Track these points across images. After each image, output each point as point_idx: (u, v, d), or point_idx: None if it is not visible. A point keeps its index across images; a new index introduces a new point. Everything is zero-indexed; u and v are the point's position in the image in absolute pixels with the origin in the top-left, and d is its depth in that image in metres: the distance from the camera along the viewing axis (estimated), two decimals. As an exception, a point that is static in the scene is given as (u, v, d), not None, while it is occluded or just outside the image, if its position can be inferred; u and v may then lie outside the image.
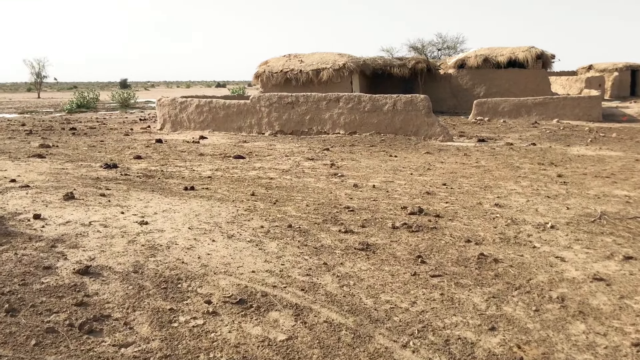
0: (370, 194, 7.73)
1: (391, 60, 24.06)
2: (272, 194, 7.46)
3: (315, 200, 7.20)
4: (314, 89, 20.41)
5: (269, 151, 12.05)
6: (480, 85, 24.59)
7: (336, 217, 6.32)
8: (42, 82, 68.21)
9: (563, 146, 13.08)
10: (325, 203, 7.03)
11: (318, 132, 14.85)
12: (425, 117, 14.12)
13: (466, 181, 8.82)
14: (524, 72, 24.20)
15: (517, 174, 9.45)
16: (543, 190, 8.15)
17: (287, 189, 7.92)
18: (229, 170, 9.37)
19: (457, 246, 5.36)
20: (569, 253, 5.25)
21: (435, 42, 48.68)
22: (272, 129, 15.11)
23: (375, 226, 6.00)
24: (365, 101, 14.48)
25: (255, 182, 8.31)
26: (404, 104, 14.24)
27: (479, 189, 8.25)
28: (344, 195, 7.60)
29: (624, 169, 9.93)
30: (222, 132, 15.49)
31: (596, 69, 34.14)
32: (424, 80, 24.45)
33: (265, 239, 5.29)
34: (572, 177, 9.17)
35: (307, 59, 22.28)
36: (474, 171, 9.73)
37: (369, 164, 10.41)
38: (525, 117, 19.32)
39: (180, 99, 15.97)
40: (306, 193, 7.66)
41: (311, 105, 14.82)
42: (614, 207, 7.18)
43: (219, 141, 13.73)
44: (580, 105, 18.92)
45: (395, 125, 14.35)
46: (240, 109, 15.27)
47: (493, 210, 6.89)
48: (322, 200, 7.17)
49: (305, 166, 10.08)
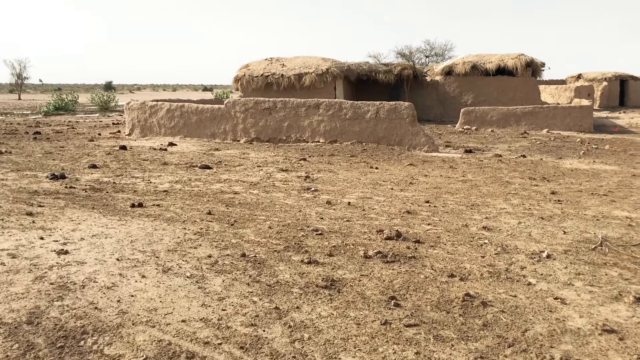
0: (344, 212, 6.89)
1: (376, 66, 23.28)
2: (232, 213, 6.59)
3: (281, 220, 6.34)
4: (296, 95, 19.56)
5: (241, 160, 11.17)
6: (468, 93, 23.88)
7: (301, 242, 5.47)
8: (23, 84, 66.73)
9: (555, 159, 12.34)
10: (291, 224, 6.18)
11: (297, 140, 14.00)
12: (410, 126, 13.33)
13: (451, 198, 8.02)
14: (513, 80, 23.54)
15: (507, 190, 8.66)
16: (536, 210, 7.36)
17: (251, 206, 7.05)
18: (191, 183, 8.49)
19: (438, 282, 4.53)
20: (570, 292, 4.44)
21: (423, 48, 47.99)
22: (248, 136, 14.23)
23: (344, 255, 5.15)
24: (347, 108, 13.65)
25: (216, 198, 7.44)
26: (387, 111, 13.44)
27: (465, 207, 7.44)
28: (314, 214, 6.75)
29: (622, 186, 9.18)
30: (194, 138, 14.58)
31: (585, 78, 33.67)
32: (409, 87, 23.70)
33: (209, 274, 4.42)
34: (566, 195, 8.40)
35: (290, 63, 21.44)
36: (460, 186, 8.93)
37: (347, 177, 9.58)
38: (514, 127, 18.61)
39: (150, 103, 15.04)
40: (272, 211, 6.80)
41: (290, 112, 13.97)
42: (616, 231, 6.40)
43: (189, 148, 12.84)
44: (571, 115, 18.25)
45: (377, 134, 13.54)
46: (214, 114, 14.38)
47: (481, 235, 6.08)
48: (288, 221, 6.32)
49: (277, 178, 9.22)
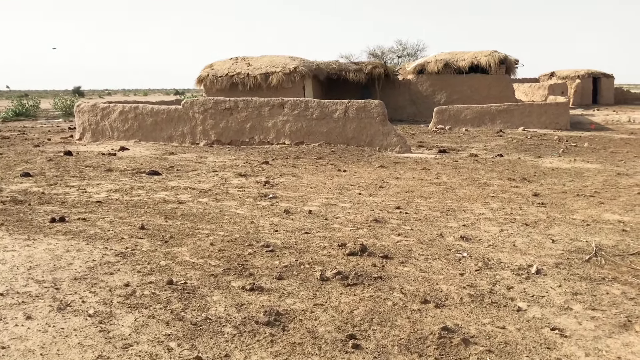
0: (303, 223, 6.00)
1: (347, 64, 22.44)
2: (169, 227, 5.66)
3: (227, 235, 5.43)
4: (262, 95, 18.61)
5: (196, 165, 10.22)
6: (441, 92, 23.22)
7: (246, 262, 4.57)
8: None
9: (533, 157, 11.64)
10: (238, 239, 5.27)
11: (260, 142, 13.08)
12: (380, 126, 12.51)
13: (424, 203, 7.19)
14: (486, 77, 22.94)
15: (485, 193, 7.88)
16: (519, 215, 6.57)
17: (195, 217, 6.12)
18: (131, 192, 7.52)
19: (409, 311, 3.68)
20: (569, 320, 3.63)
21: (395, 49, 47.51)
22: (208, 138, 13.26)
23: (297, 277, 4.27)
24: (314, 107, 12.78)
25: (156, 209, 6.49)
26: (356, 110, 12.60)
27: (440, 213, 6.62)
28: (268, 226, 5.86)
29: (608, 186, 8.47)
30: (149, 142, 13.56)
31: (558, 76, 33.36)
32: (381, 87, 22.93)
33: (120, 310, 3.49)
34: (550, 197, 7.65)
35: (256, 62, 20.50)
36: (434, 189, 8.12)
37: (311, 181, 8.71)
38: (489, 125, 17.95)
39: (102, 105, 13.96)
40: (218, 224, 5.88)
41: (252, 112, 13.04)
42: (609, 238, 5.64)
43: (142, 153, 11.83)
44: (547, 112, 17.65)
45: (347, 134, 12.70)
46: (171, 115, 13.38)
47: (458, 246, 5.25)
48: (235, 235, 5.41)
49: (233, 184, 8.30)
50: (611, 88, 34.47)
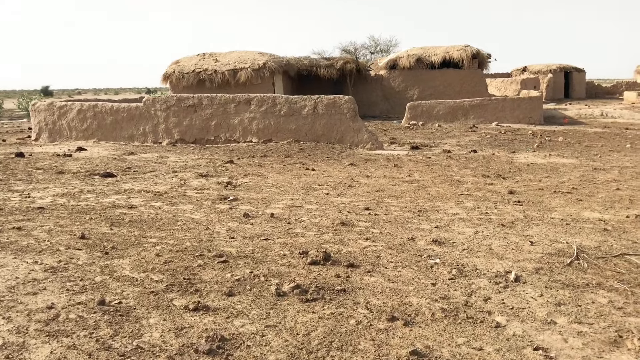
0: (263, 228, 5.52)
1: (318, 60, 21.94)
2: (114, 236, 5.13)
3: (177, 243, 4.92)
4: (231, 92, 18.01)
5: (155, 166, 9.65)
6: (414, 87, 22.89)
7: (194, 276, 4.08)
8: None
9: (508, 153, 11.32)
10: (189, 248, 4.77)
11: (227, 140, 12.54)
12: (351, 122, 12.07)
13: (395, 203, 6.77)
14: (459, 72, 22.67)
15: (459, 191, 7.49)
16: (494, 215, 6.19)
17: (144, 224, 5.60)
18: (80, 196, 6.95)
19: (374, 332, 3.23)
20: (554, 337, 3.23)
21: (368, 45, 47.17)
22: (171, 137, 12.67)
23: (250, 292, 3.79)
24: (281, 103, 12.29)
25: (103, 215, 5.94)
26: (325, 106, 12.15)
27: (412, 214, 6.20)
28: (224, 232, 5.36)
29: (585, 181, 8.16)
30: (109, 141, 12.91)
31: (531, 71, 33.35)
32: (353, 82, 22.50)
33: (36, 339, 2.98)
34: (526, 194, 7.29)
35: (224, 58, 19.87)
36: (406, 188, 7.71)
37: (277, 181, 8.23)
38: (462, 121, 17.66)
39: (59, 103, 13.25)
40: (169, 231, 5.37)
41: (217, 109, 12.49)
42: (591, 239, 5.29)
43: (100, 153, 11.20)
44: (520, 106, 17.42)
45: (316, 131, 12.23)
46: (132, 114, 12.75)
47: (431, 251, 4.83)
48: (186, 244, 4.91)
49: (192, 186, 7.77)
50: (583, 82, 34.60)
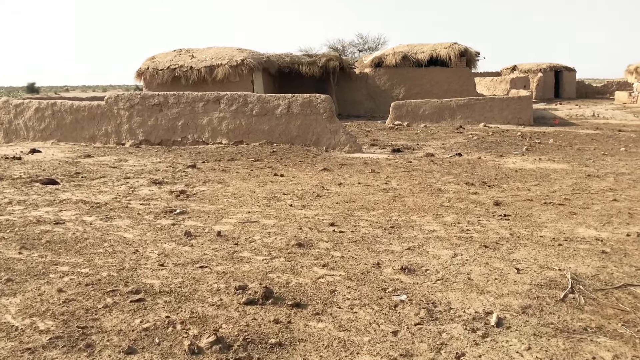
0: (203, 251, 4.69)
1: (300, 57, 21.05)
2: (18, 262, 4.27)
3: (91, 273, 4.08)
4: (207, 90, 17.13)
5: (109, 170, 8.78)
6: (400, 86, 22.09)
7: (93, 323, 3.24)
8: None
9: (495, 157, 10.54)
10: (103, 280, 3.93)
11: (195, 141, 11.68)
12: (327, 123, 11.25)
13: (366, 217, 5.96)
14: (446, 71, 21.90)
15: (439, 202, 6.69)
16: (476, 232, 5.40)
17: (63, 246, 4.74)
18: (6, 208, 6.08)
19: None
20: (544, 419, 2.42)
21: (356, 42, 46.37)
22: (135, 138, 11.78)
23: (156, 349, 2.96)
24: (253, 102, 11.44)
25: (19, 234, 5.08)
26: (300, 106, 11.31)
27: (383, 231, 5.40)
28: (155, 256, 4.52)
29: (578, 190, 7.39)
30: (70, 142, 12.00)
31: (521, 70, 32.66)
32: (336, 81, 21.66)
33: None
34: (514, 206, 6.50)
35: (200, 54, 18.96)
36: (380, 198, 6.91)
37: (238, 189, 7.39)
38: (448, 121, 16.88)
39: (15, 101, 12.32)
40: (90, 255, 4.52)
41: (184, 108, 11.62)
42: (587, 264, 4.51)
43: (54, 156, 10.30)
44: (509, 106, 16.66)
45: (291, 132, 11.39)
46: (93, 113, 11.84)
47: (397, 283, 4.02)
48: (102, 274, 4.06)
49: (140, 195, 6.91)
50: (573, 82, 33.98)
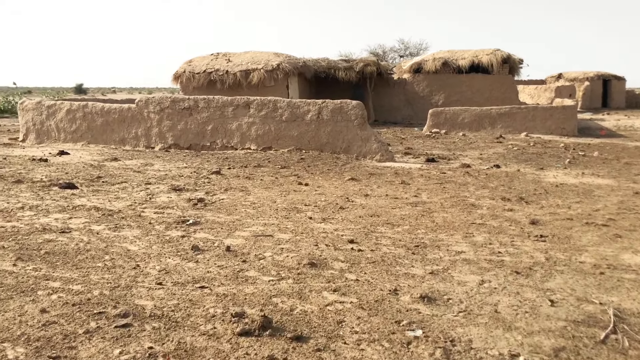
0: (207, 268, 4.37)
1: (336, 62, 20.71)
2: (9, 275, 4.03)
3: (83, 291, 3.80)
4: (242, 94, 16.97)
5: (132, 175, 8.60)
6: (439, 93, 21.52)
7: (69, 352, 2.95)
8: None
9: (535, 169, 9.96)
10: (92, 300, 3.64)
11: (223, 146, 11.45)
12: (359, 130, 10.86)
13: (390, 233, 5.56)
14: (488, 78, 21.23)
15: (471, 219, 6.23)
16: (508, 255, 4.93)
17: (61, 258, 4.49)
18: (16, 214, 5.91)
19: None
20: None
21: (397, 48, 45.83)
22: (165, 141, 11.64)
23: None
24: (283, 108, 11.14)
25: (20, 242, 4.87)
26: (331, 112, 10.96)
27: (406, 250, 4.98)
28: (155, 273, 4.22)
29: (624, 210, 6.80)
30: (100, 144, 11.94)
31: (566, 78, 31.54)
32: (373, 86, 21.22)
33: None
34: (552, 226, 5.99)
35: (237, 59, 18.83)
36: (408, 212, 6.48)
37: (259, 198, 7.08)
38: (488, 130, 16.26)
39: (47, 102, 12.35)
40: (87, 269, 4.25)
41: (214, 112, 11.42)
42: (634, 298, 4.01)
43: (81, 158, 10.21)
44: (553, 116, 15.93)
45: (320, 139, 11.05)
46: (123, 115, 11.76)
47: (414, 314, 3.61)
48: (94, 292, 3.78)
49: (156, 203, 6.67)
50: (622, 91, 32.62)
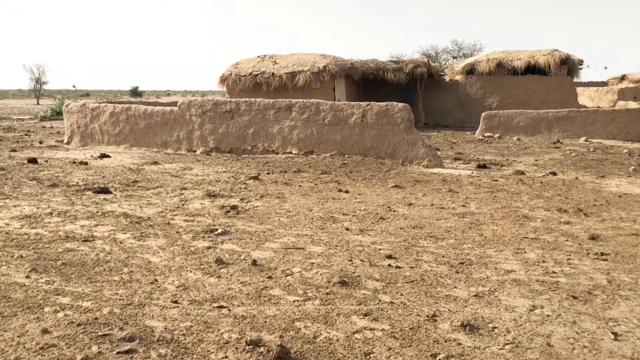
0: (229, 284, 4.04)
1: (385, 63, 20.22)
2: (20, 288, 3.81)
3: (92, 308, 3.53)
4: (288, 96, 16.74)
5: (169, 180, 8.42)
6: (493, 95, 20.71)
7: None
8: (42, 88, 65.76)
9: (595, 177, 9.25)
10: (100, 320, 3.36)
11: (264, 150, 11.20)
12: (405, 134, 10.38)
13: (433, 248, 5.11)
14: (545, 79, 20.29)
15: (523, 232, 5.70)
16: (564, 276, 4.40)
17: (77, 270, 4.26)
18: (43, 220, 5.75)
19: None
20: None
21: (450, 49, 44.87)
22: (206, 145, 11.47)
23: None
24: (326, 111, 10.79)
25: (40, 251, 4.66)
26: (376, 115, 10.52)
27: (449, 269, 4.53)
28: (173, 289, 3.92)
29: (699, 225, 6.10)
30: (142, 148, 11.89)
31: (631, 79, 29.91)
32: (424, 88, 20.62)
33: None
34: (614, 242, 5.40)
35: (283, 61, 18.62)
36: (454, 224, 6.00)
37: (295, 206, 6.74)
38: (545, 134, 15.45)
39: (92, 105, 12.40)
40: (101, 283, 3.99)
41: (255, 115, 11.17)
42: None
43: (122, 162, 10.14)
44: (615, 120, 14.98)
45: (364, 143, 10.64)
46: (166, 118, 11.66)
47: (454, 345, 3.17)
48: (103, 311, 3.51)
49: (187, 210, 6.42)
50: (691, 93, 30.69)
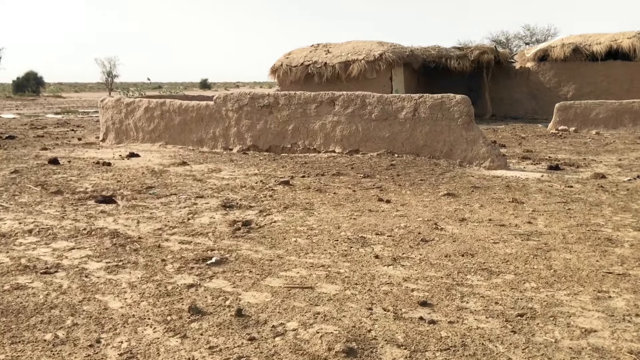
0: (189, 353, 2.99)
1: (448, 50, 18.67)
2: None
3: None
4: (341, 87, 15.59)
5: (189, 184, 7.50)
6: (568, 84, 18.79)
7: None
8: (113, 81, 67.79)
9: (696, 183, 7.62)
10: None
11: (305, 148, 10.12)
12: (463, 130, 9.03)
13: (484, 287, 3.88)
14: (630, 65, 18.19)
15: (606, 263, 4.36)
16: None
17: (7, 320, 3.33)
18: (14, 242, 4.91)
19: None
20: None
21: (522, 35, 42.18)
22: (243, 143, 10.52)
23: None
24: (372, 104, 9.57)
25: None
26: (429, 108, 9.22)
27: (501, 325, 3.31)
28: (115, 357, 2.91)
29: None
30: (178, 145, 11.07)
31: None
32: (490, 77, 18.94)
33: None
34: None
35: (336, 50, 17.46)
36: (515, 250, 4.72)
37: (321, 221, 5.63)
38: (629, 128, 13.61)
39: (126, 100, 11.70)
40: (24, 345, 3.04)
41: (295, 110, 10.10)
42: None
43: (148, 162, 9.32)
44: None
45: (416, 141, 9.37)
46: (201, 114, 10.79)
47: None
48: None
49: (191, 227, 5.43)
50: None
